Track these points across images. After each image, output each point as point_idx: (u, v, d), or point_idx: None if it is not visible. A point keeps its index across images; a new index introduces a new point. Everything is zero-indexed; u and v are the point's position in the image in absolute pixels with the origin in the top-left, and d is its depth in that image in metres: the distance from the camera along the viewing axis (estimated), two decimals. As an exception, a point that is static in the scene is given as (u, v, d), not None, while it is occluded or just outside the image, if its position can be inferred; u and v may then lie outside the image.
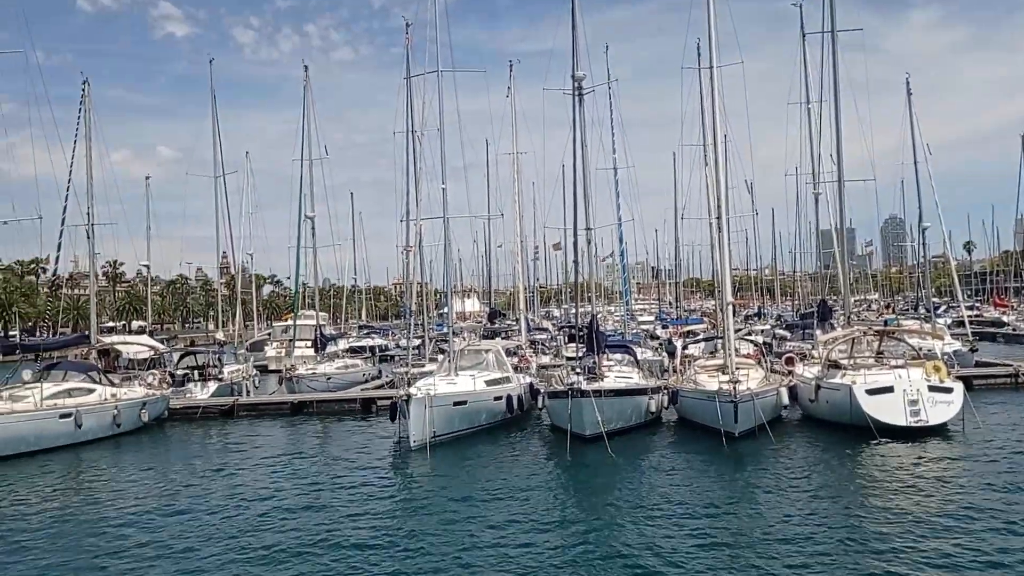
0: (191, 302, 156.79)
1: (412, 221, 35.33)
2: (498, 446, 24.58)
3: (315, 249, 50.24)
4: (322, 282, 67.03)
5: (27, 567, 13.84)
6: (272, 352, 59.58)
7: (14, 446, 24.65)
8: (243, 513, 17.18)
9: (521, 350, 39.95)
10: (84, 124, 38.31)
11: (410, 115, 36.55)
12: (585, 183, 30.74)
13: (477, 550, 13.97)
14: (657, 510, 16.37)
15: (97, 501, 19.25)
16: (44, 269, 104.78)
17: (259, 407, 35.14)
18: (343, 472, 21.35)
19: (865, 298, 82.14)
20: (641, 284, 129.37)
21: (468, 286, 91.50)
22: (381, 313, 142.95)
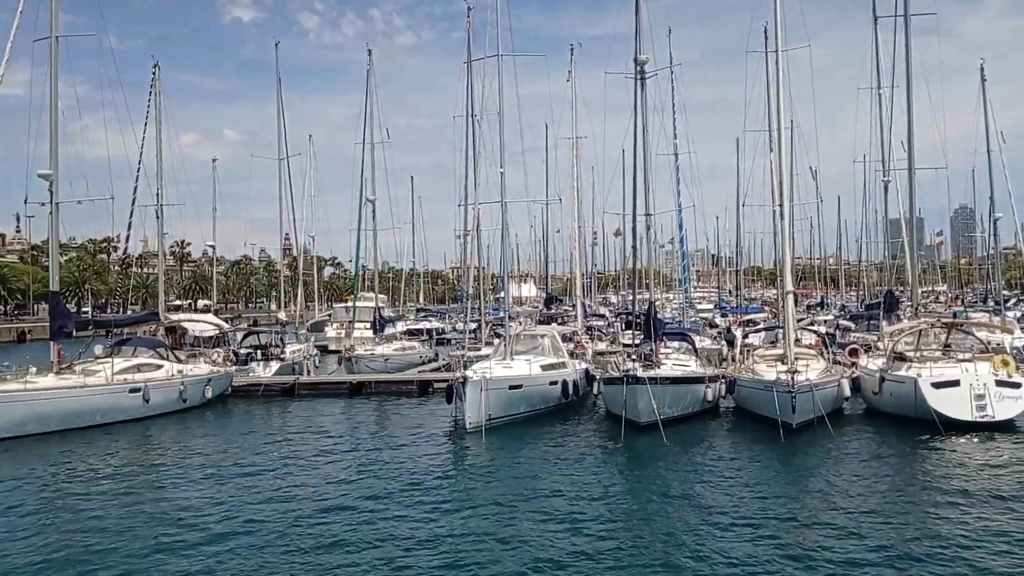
0: (254, 282, 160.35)
1: (470, 205, 35.50)
2: (553, 431, 24.63)
3: (375, 232, 50.98)
4: (381, 265, 68.06)
5: (98, 535, 14.35)
6: (332, 333, 60.61)
7: (86, 418, 25.59)
8: (301, 490, 17.54)
9: (577, 336, 39.89)
10: (155, 107, 39.38)
11: (470, 99, 36.62)
12: (645, 168, 30.47)
13: (529, 532, 14.04)
14: (709, 499, 16.24)
15: (163, 473, 19.93)
16: (115, 248, 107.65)
17: (319, 386, 35.80)
18: (400, 452, 21.66)
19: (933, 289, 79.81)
20: (701, 272, 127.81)
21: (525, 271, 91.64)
22: (438, 297, 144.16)
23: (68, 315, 32.23)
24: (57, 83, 29.45)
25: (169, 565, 12.62)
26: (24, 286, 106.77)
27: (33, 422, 24.18)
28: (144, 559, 12.90)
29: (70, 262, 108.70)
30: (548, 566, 12.33)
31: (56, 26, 29.48)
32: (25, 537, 14.25)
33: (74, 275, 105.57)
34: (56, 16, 29.52)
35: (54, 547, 13.64)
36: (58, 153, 29.48)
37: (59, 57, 29.49)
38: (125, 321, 37.92)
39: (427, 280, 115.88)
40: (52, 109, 29.40)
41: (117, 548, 13.49)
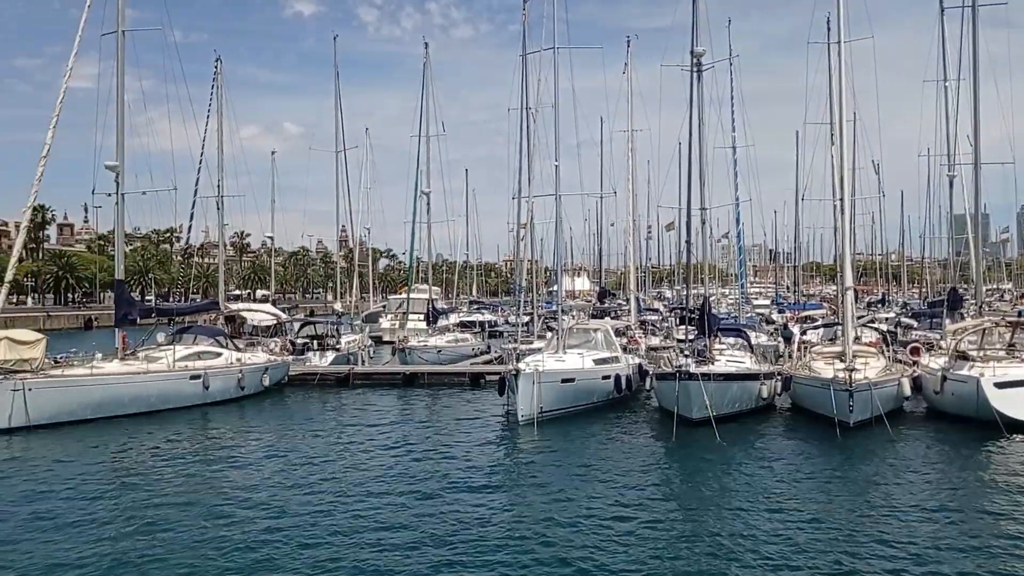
0: (311, 273, 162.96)
1: (524, 199, 35.46)
2: (604, 425, 24.55)
3: (429, 224, 51.32)
4: (435, 257, 68.45)
5: (159, 516, 14.79)
6: (386, 324, 61.29)
7: (148, 403, 26.33)
8: (355, 477, 17.82)
9: (631, 330, 39.70)
10: (216, 100, 40.26)
11: (524, 92, 36.57)
12: (701, 162, 30.16)
13: (579, 525, 14.05)
14: (760, 497, 16.03)
15: (221, 458, 20.43)
16: (178, 238, 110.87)
17: (373, 376, 36.26)
18: (452, 442, 21.84)
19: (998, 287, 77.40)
20: (757, 267, 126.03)
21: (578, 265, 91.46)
22: (491, 289, 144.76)
23: (132, 303, 33.13)
24: (123, 77, 30.29)
25: (228, 546, 12.93)
26: (91, 274, 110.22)
27: (98, 406, 24.92)
28: (203, 541, 13.25)
29: (135, 252, 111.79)
30: (597, 559, 12.32)
31: (123, 21, 30.29)
32: (91, 518, 14.75)
33: (138, 264, 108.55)
34: (123, 11, 30.34)
35: (118, 529, 14.10)
36: (124, 145, 30.34)
37: (125, 51, 30.33)
38: (187, 310, 38.84)
39: (480, 273, 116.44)
40: (118, 102, 30.25)
41: (177, 530, 13.88)
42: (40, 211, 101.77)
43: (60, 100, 27.59)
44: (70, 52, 27.94)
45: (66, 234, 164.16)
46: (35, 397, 23.27)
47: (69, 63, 27.93)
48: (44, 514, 14.88)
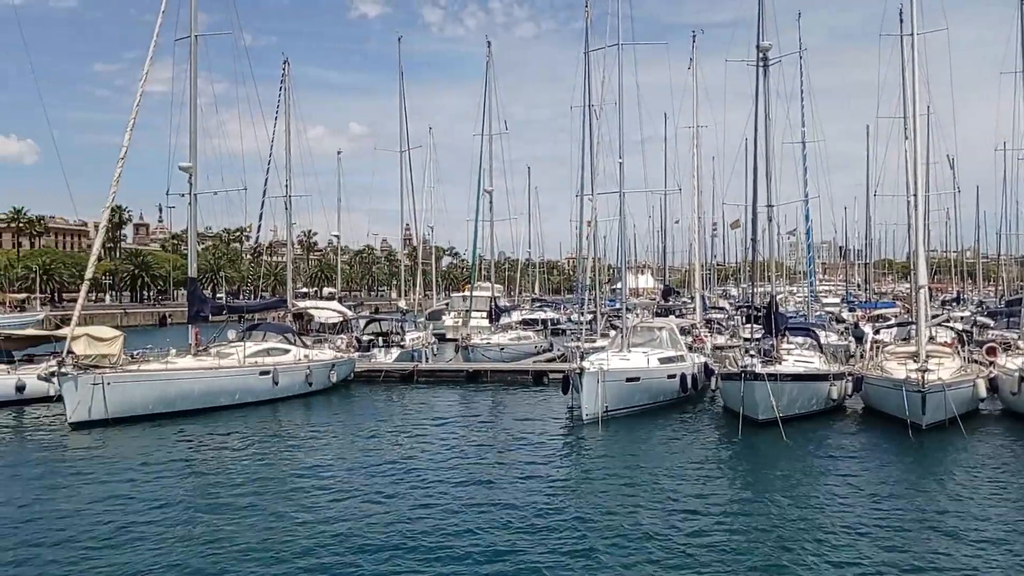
0: (376, 271, 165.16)
1: (588, 196, 35.28)
2: (669, 425, 24.34)
3: (492, 223, 51.46)
4: (498, 255, 68.63)
5: (229, 507, 15.19)
6: (449, 321, 61.74)
7: (220, 399, 27.00)
8: (418, 473, 17.99)
9: (696, 329, 39.22)
10: (284, 102, 41.00)
11: (588, 90, 36.41)
12: (767, 157, 29.61)
13: (643, 525, 13.95)
14: (826, 500, 15.75)
15: (290, 452, 20.91)
16: (247, 237, 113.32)
17: (437, 373, 36.56)
18: (516, 440, 21.90)
19: (1080, 285, 74.21)
20: (827, 264, 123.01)
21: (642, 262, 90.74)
22: (554, 287, 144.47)
23: (205, 301, 34.00)
24: (196, 80, 31.14)
25: (294, 536, 13.21)
26: (165, 273, 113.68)
27: (173, 401, 25.66)
28: (271, 530, 13.56)
29: (206, 250, 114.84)
30: (660, 560, 12.22)
31: (195, 26, 31.12)
32: (164, 509, 15.21)
33: (210, 263, 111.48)
34: (195, 16, 31.16)
35: (190, 518, 14.53)
36: (197, 147, 31.15)
37: (198, 56, 31.15)
38: (256, 307, 39.68)
39: (543, 270, 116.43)
40: (192, 105, 31.08)
41: (246, 521, 14.24)
42: (118, 211, 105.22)
43: (136, 104, 28.43)
44: (146, 57, 28.77)
45: (141, 234, 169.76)
46: (113, 391, 24.07)
47: (145, 68, 28.76)
48: (121, 503, 15.40)
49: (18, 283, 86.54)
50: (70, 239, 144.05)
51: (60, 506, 15.32)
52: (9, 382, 27.09)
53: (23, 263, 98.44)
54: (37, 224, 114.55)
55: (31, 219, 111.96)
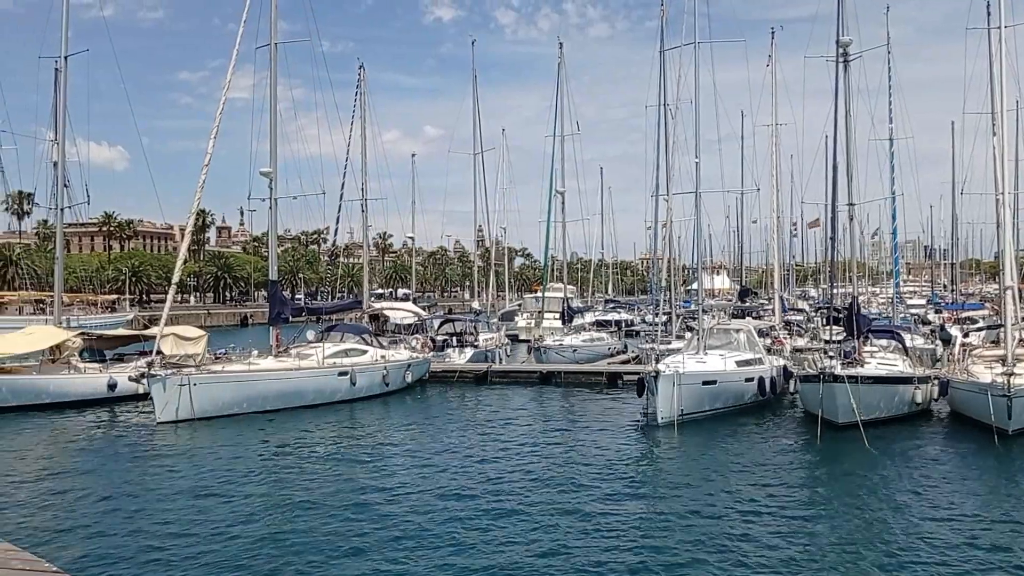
0: (449, 272, 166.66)
1: (663, 196, 34.91)
2: (747, 429, 23.90)
3: (564, 223, 51.42)
4: (570, 255, 68.41)
5: (307, 503, 15.51)
6: (522, 322, 61.80)
7: (300, 398, 27.59)
8: (492, 473, 18.04)
9: (775, 331, 38.39)
10: (360, 107, 41.79)
11: (663, 89, 36.03)
12: (848, 155, 28.86)
13: (719, 530, 13.73)
14: (907, 507, 15.25)
15: (367, 450, 21.18)
16: (324, 239, 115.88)
17: (510, 374, 36.65)
18: (590, 442, 21.78)
19: None
20: (911, 264, 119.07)
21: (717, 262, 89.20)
22: (627, 288, 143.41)
23: (285, 302, 34.83)
24: (276, 87, 31.93)
25: (368, 533, 13.41)
26: (246, 274, 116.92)
27: (255, 401, 26.34)
28: (347, 523, 13.79)
29: (285, 253, 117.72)
30: (735, 567, 12.00)
31: (275, 34, 31.93)
32: (247, 505, 15.61)
33: (289, 265, 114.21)
34: (275, 24, 31.98)
35: (270, 515, 14.88)
36: (277, 152, 31.93)
37: (277, 62, 31.94)
38: (334, 308, 40.50)
39: (616, 271, 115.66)
40: (272, 111, 31.93)
41: (323, 516, 14.51)
42: (202, 215, 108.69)
43: (220, 111, 29.34)
44: (228, 66, 29.64)
45: (224, 236, 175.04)
46: (199, 391, 24.85)
47: (227, 76, 29.65)
48: (205, 498, 15.89)
49: (109, 285, 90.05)
50: (157, 242, 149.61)
51: (148, 499, 15.89)
52: (101, 381, 28.21)
53: (113, 265, 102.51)
54: (126, 228, 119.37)
55: (121, 223, 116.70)
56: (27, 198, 79.58)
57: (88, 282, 76.88)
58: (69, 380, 28.23)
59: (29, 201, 78.99)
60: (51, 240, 73.33)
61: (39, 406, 26.55)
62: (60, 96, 34.10)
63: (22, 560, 6.08)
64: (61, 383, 27.91)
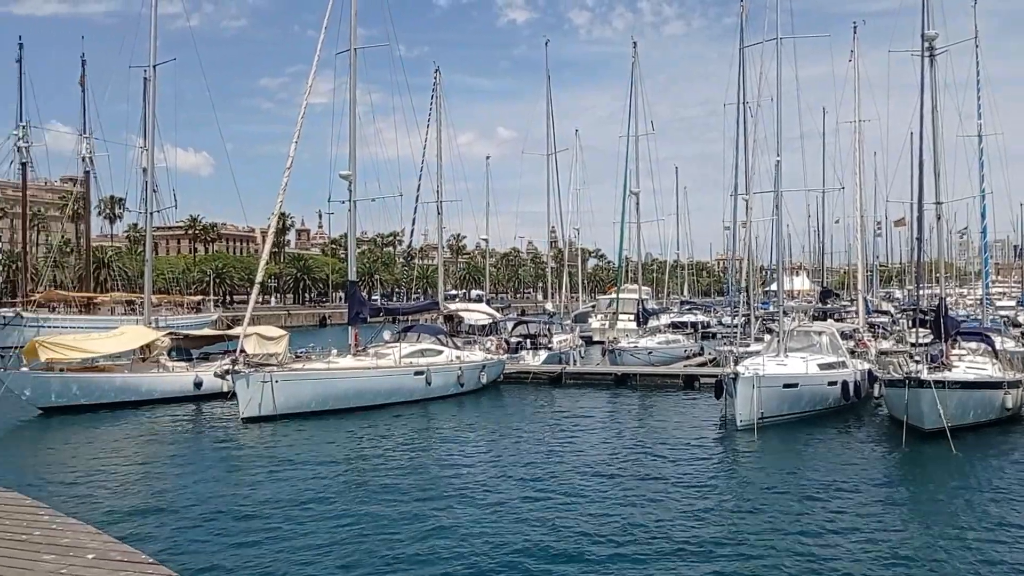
0: (522, 274, 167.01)
1: (742, 196, 34.30)
2: (829, 434, 23.30)
3: (639, 224, 50.95)
4: (644, 256, 67.78)
5: (384, 497, 15.72)
6: (596, 324, 61.49)
7: (377, 397, 28.01)
8: (566, 475, 17.97)
9: (858, 333, 37.33)
10: (435, 110, 42.27)
11: (742, 86, 35.43)
12: (935, 152, 27.85)
13: (799, 537, 13.40)
14: (993, 515, 14.69)
15: (442, 450, 21.42)
16: (400, 241, 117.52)
17: (584, 376, 36.49)
18: (667, 445, 21.51)
19: None
20: (1000, 264, 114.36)
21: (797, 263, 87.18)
22: (703, 289, 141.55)
23: (363, 303, 35.40)
24: (355, 91, 32.46)
25: (446, 532, 13.51)
26: (324, 276, 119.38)
27: (334, 398, 26.85)
28: (423, 524, 13.92)
29: (362, 254, 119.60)
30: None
31: (355, 39, 32.44)
32: (327, 497, 15.92)
33: (366, 266, 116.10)
34: (355, 30, 32.48)
35: (348, 511, 15.12)
36: (356, 155, 32.48)
37: (357, 67, 32.46)
38: (410, 309, 41.02)
39: (691, 272, 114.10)
40: (351, 115, 32.46)
41: (398, 512, 14.68)
42: (282, 218, 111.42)
43: (301, 116, 29.99)
44: (309, 71, 30.29)
45: (303, 239, 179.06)
46: (281, 388, 25.46)
47: (308, 81, 30.32)
48: (287, 491, 16.26)
49: (194, 286, 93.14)
50: (240, 244, 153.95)
51: (234, 493, 16.36)
52: (188, 379, 29.17)
53: (198, 267, 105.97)
54: (211, 231, 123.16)
55: (205, 226, 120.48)
56: (119, 203, 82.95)
57: (175, 283, 79.70)
58: (159, 378, 29.30)
59: (120, 206, 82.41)
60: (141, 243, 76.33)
61: (131, 403, 27.60)
62: (149, 104, 35.38)
63: (121, 552, 6.31)
64: (151, 381, 28.98)
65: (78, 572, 5.68)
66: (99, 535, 6.86)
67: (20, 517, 7.28)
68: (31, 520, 7.18)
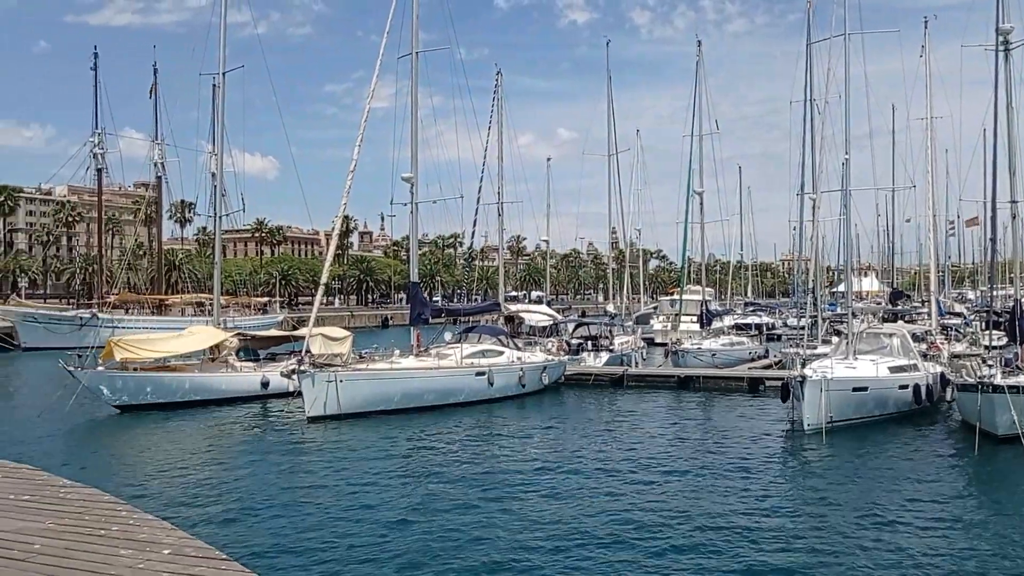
0: (582, 275, 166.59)
1: (808, 195, 33.62)
2: (900, 439, 22.66)
3: (702, 224, 50.33)
4: (707, 257, 66.91)
5: (446, 497, 15.82)
6: (658, 325, 60.93)
7: (439, 397, 28.21)
8: (629, 478, 17.85)
9: (930, 336, 36.24)
10: (496, 112, 42.36)
11: (809, 83, 34.69)
12: (1010, 149, 26.87)
13: (869, 547, 13.03)
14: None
15: (504, 451, 21.46)
16: (460, 243, 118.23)
17: (646, 378, 36.14)
18: (731, 449, 21.19)
19: None
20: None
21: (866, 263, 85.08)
22: (767, 290, 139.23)
23: (425, 304, 35.74)
24: (417, 94, 32.74)
25: (506, 531, 13.51)
26: (386, 277, 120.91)
27: (397, 398, 27.14)
28: (484, 523, 13.96)
29: (423, 256, 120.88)
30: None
31: (416, 43, 32.75)
32: (391, 496, 16.10)
33: (427, 267, 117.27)
34: (417, 34, 32.81)
35: (412, 507, 15.27)
36: (418, 158, 32.77)
37: (419, 71, 32.76)
38: (472, 310, 41.19)
39: (755, 273, 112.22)
40: (413, 119, 32.75)
41: (461, 511, 14.76)
42: (346, 221, 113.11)
43: (364, 119, 30.42)
44: (371, 76, 30.65)
45: (365, 241, 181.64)
46: (346, 388, 25.83)
47: (371, 85, 30.71)
48: (351, 489, 16.49)
49: (260, 287, 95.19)
50: (304, 247, 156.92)
51: (302, 491, 16.65)
52: (256, 378, 29.80)
53: (265, 269, 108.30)
54: (276, 234, 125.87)
55: (271, 229, 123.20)
56: (189, 207, 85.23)
57: (242, 285, 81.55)
58: (228, 378, 30.00)
59: (191, 210, 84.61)
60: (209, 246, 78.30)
61: (200, 402, 28.33)
62: (218, 110, 36.23)
63: (195, 547, 6.46)
64: (221, 380, 29.69)
65: (155, 567, 5.82)
66: (174, 531, 7.02)
67: (99, 513, 7.50)
68: (109, 516, 7.39)
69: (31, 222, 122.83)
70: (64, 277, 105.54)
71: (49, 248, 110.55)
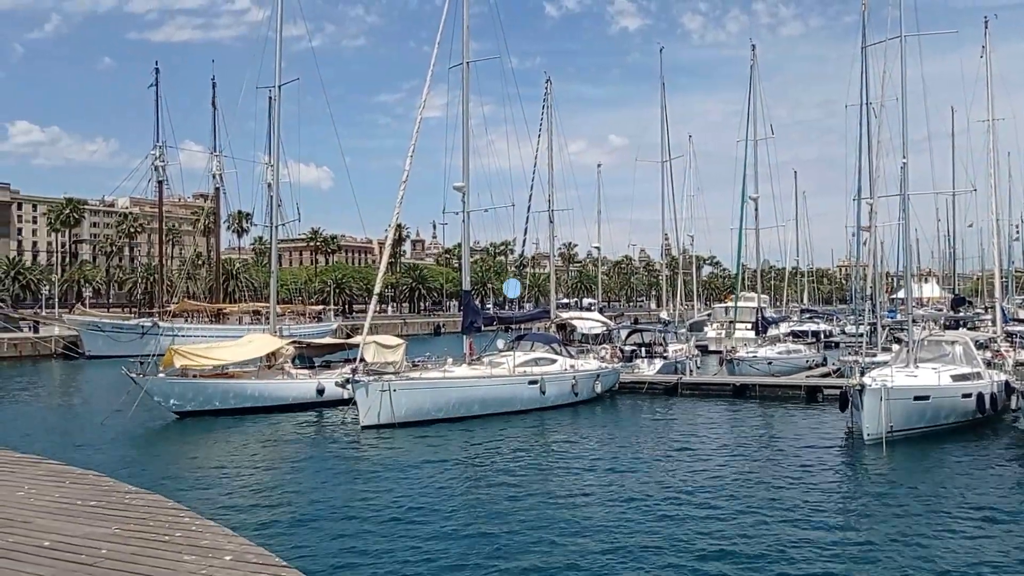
0: (635, 282, 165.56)
1: (866, 200, 32.94)
2: (964, 449, 22.04)
3: (757, 230, 49.66)
4: (762, 263, 65.98)
5: (501, 504, 15.83)
6: (712, 333, 60.22)
7: (492, 406, 28.25)
8: (683, 488, 17.64)
9: (994, 343, 35.20)
10: (547, 120, 42.39)
11: (865, 86, 34.08)
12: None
13: (932, 565, 12.66)
14: None
15: (558, 459, 21.40)
16: (511, 250, 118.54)
17: (701, 387, 35.72)
18: (788, 459, 20.83)
19: None
20: None
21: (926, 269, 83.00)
22: (824, 297, 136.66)
23: (477, 312, 35.88)
24: (468, 104, 32.95)
25: (561, 539, 13.47)
26: (438, 285, 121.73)
27: (450, 407, 27.25)
28: (538, 531, 13.93)
29: (475, 264, 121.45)
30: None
31: (467, 53, 32.96)
32: (445, 503, 16.18)
33: (478, 275, 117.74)
34: (467, 44, 33.03)
35: (466, 514, 15.32)
36: (469, 167, 32.94)
37: (470, 80, 32.96)
38: (523, 318, 41.21)
39: (812, 279, 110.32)
40: (464, 128, 32.94)
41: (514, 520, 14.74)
42: (398, 229, 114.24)
43: (416, 129, 30.67)
44: (423, 86, 30.93)
45: (418, 249, 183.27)
46: (399, 397, 26.04)
47: (423, 95, 30.98)
48: (405, 497, 16.62)
49: (315, 296, 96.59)
50: (358, 255, 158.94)
51: (357, 497, 16.82)
52: (311, 386, 30.21)
53: (320, 278, 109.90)
54: (331, 243, 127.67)
55: (326, 238, 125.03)
56: (246, 217, 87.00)
57: (298, 294, 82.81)
58: (284, 385, 30.49)
59: (248, 220, 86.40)
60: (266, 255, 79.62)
61: (257, 409, 28.84)
62: (274, 122, 36.86)
63: (255, 554, 6.57)
64: (277, 387, 30.20)
65: (217, 573, 5.94)
66: (235, 537, 7.15)
67: (163, 519, 7.67)
68: (173, 522, 7.55)
69: (95, 233, 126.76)
70: (126, 287, 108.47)
71: (112, 258, 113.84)
